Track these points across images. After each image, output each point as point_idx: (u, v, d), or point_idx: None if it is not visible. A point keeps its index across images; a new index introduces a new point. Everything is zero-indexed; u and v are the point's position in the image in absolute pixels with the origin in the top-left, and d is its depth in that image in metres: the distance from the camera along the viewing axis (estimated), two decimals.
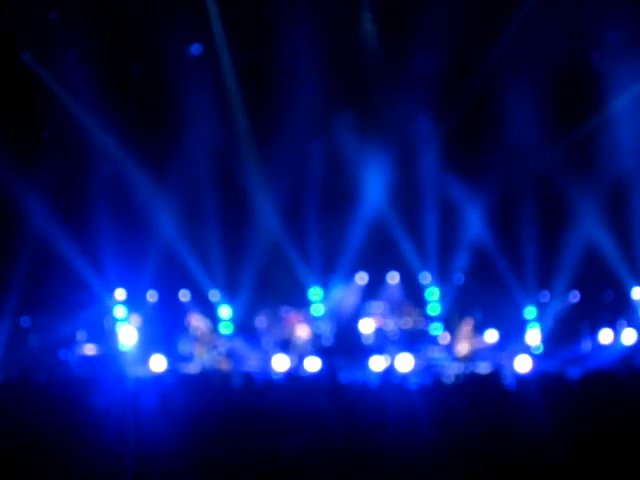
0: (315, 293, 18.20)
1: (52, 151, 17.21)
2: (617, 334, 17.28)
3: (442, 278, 18.21)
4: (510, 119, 17.03)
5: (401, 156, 18.01)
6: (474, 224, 18.00)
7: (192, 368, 16.58)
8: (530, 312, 17.76)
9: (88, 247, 17.34)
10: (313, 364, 16.07)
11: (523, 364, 15.78)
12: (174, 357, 16.93)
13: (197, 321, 17.37)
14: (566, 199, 17.58)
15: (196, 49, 17.69)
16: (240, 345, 17.49)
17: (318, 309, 18.08)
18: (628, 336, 17.12)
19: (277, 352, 16.92)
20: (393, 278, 18.46)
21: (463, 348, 17.03)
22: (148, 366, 15.88)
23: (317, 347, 17.34)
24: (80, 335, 17.13)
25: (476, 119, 17.53)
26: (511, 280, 17.79)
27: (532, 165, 17.80)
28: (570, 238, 17.52)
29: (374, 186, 18.09)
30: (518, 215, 17.76)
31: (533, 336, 17.54)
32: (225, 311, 17.92)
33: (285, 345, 17.33)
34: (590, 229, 17.50)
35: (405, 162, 18.08)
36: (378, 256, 18.24)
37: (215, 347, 17.19)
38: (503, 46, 17.34)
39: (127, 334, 17.26)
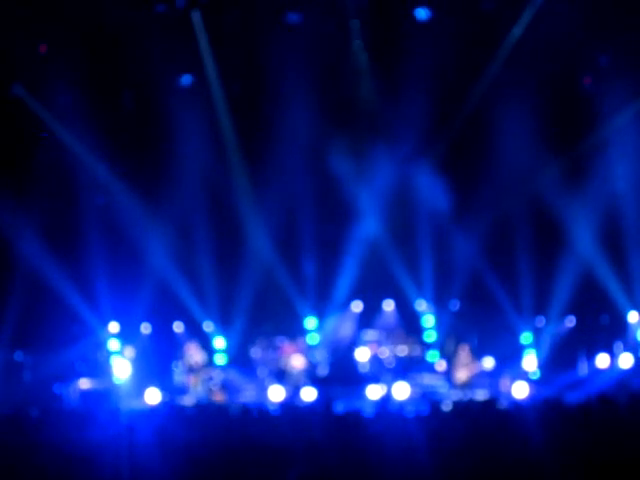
0: (310, 322, 18.12)
1: (44, 183, 17.20)
2: (614, 358, 17.22)
3: (438, 305, 18.15)
4: (504, 145, 17.03)
5: (395, 184, 17.98)
6: (469, 250, 17.94)
7: (187, 400, 16.48)
8: (526, 338, 17.69)
9: (81, 281, 17.27)
10: (309, 394, 15.99)
11: (520, 390, 15.71)
12: (169, 389, 16.82)
13: (194, 351, 17.27)
14: (560, 224, 17.54)
15: (187, 79, 17.72)
16: (235, 376, 17.40)
17: (313, 338, 17.99)
18: (625, 360, 17.05)
19: (272, 382, 16.83)
20: (388, 305, 18.39)
21: (462, 375, 16.94)
22: (143, 399, 15.79)
23: (313, 377, 17.25)
24: (74, 369, 17.03)
25: (470, 146, 17.53)
26: (507, 306, 17.73)
27: (526, 191, 17.76)
28: (565, 263, 17.47)
29: (369, 214, 18.08)
30: (513, 241, 17.71)
31: (530, 362, 17.47)
32: (219, 342, 17.83)
33: (280, 375, 17.24)
34: (585, 254, 17.46)
35: (400, 190, 18.05)
36: (373, 284, 18.17)
37: (210, 379, 17.08)
38: (493, 72, 17.40)
39: (121, 367, 17.16)
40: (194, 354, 17.24)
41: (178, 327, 18.02)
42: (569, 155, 17.51)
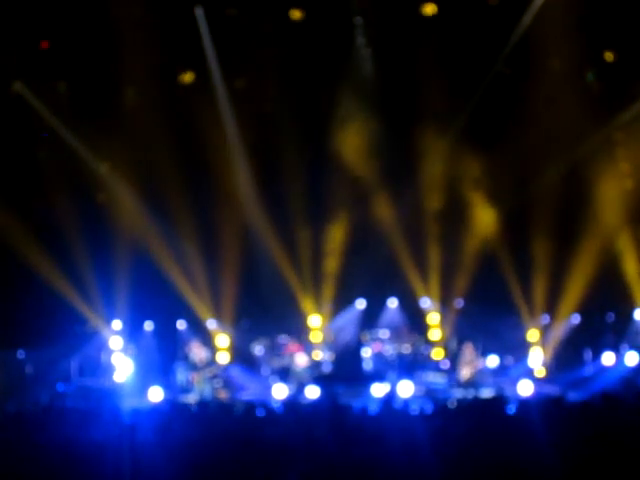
0: (314, 320, 18.08)
1: (45, 181, 17.21)
2: (620, 356, 17.14)
3: (443, 302, 18.10)
4: (510, 144, 17.00)
5: (402, 180, 17.94)
6: (475, 248, 17.89)
7: (190, 398, 16.44)
8: (532, 335, 17.63)
9: (84, 279, 17.24)
10: (313, 392, 15.94)
11: (525, 388, 15.65)
12: (172, 387, 16.77)
13: (197, 349, 17.22)
14: (568, 221, 17.42)
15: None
16: (238, 374, 17.36)
17: (317, 336, 17.95)
18: (631, 358, 16.98)
19: (276, 380, 16.79)
20: (392, 303, 18.36)
21: (466, 373, 16.88)
22: (146, 397, 15.74)
23: (316, 375, 17.20)
24: (77, 367, 17.01)
25: (476, 143, 17.50)
26: (513, 303, 17.67)
27: (534, 190, 17.67)
28: (572, 260, 17.41)
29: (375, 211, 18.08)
30: (520, 237, 17.66)
31: (535, 359, 17.41)
32: (223, 340, 17.79)
33: (284, 373, 17.19)
34: (591, 251, 17.38)
35: (407, 185, 18.01)
36: (378, 282, 18.11)
37: (214, 377, 17.04)
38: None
39: (124, 365, 17.12)
40: (198, 352, 17.19)
41: (181, 325, 17.98)
42: (578, 152, 17.41)
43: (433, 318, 18.10)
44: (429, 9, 17.11)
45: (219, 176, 17.70)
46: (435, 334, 18.01)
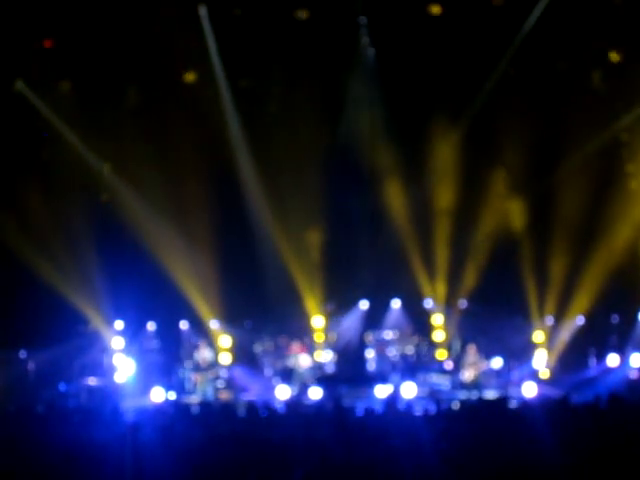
0: (317, 321, 18.05)
1: (47, 180, 17.20)
2: (624, 358, 17.10)
3: (447, 303, 18.07)
4: (522, 142, 16.99)
5: (410, 178, 17.93)
6: (484, 247, 17.87)
7: (193, 399, 16.43)
8: (537, 337, 17.59)
9: (86, 279, 17.23)
10: (316, 393, 15.91)
11: (529, 390, 15.63)
12: (174, 388, 16.74)
13: (202, 350, 17.20)
14: (581, 222, 17.36)
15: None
16: (241, 375, 17.33)
17: (320, 337, 17.92)
18: (635, 360, 16.93)
19: (279, 381, 16.76)
20: (396, 304, 18.32)
21: (470, 374, 16.85)
22: (148, 397, 15.73)
23: (319, 376, 17.17)
24: (79, 367, 16.99)
25: (484, 141, 17.50)
26: (518, 304, 17.62)
27: (550, 189, 17.63)
28: (583, 262, 17.38)
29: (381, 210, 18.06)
30: (534, 237, 17.64)
31: (540, 361, 17.37)
32: (226, 340, 17.76)
33: (287, 374, 17.15)
34: (603, 254, 17.34)
35: (415, 184, 17.99)
36: (382, 282, 18.08)
37: (217, 377, 17.01)
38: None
39: (126, 365, 17.11)
40: (202, 352, 17.17)
41: (184, 325, 17.95)
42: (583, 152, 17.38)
43: (437, 319, 18.06)
44: (434, 9, 17.10)
45: (220, 175, 17.69)
46: (439, 335, 17.97)
